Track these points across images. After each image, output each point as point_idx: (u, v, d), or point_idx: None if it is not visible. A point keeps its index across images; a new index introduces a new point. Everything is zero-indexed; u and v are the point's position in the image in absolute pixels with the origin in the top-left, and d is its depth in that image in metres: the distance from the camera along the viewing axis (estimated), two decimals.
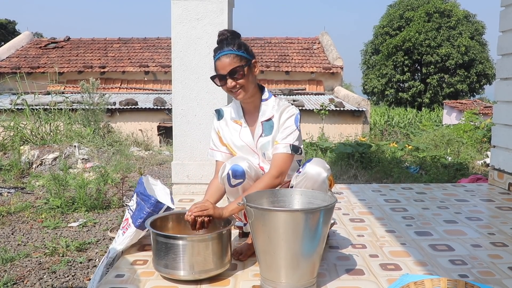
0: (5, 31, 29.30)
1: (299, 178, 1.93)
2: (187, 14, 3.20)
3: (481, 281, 1.82)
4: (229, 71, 1.91)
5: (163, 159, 6.80)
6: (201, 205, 1.84)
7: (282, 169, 1.92)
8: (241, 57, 1.93)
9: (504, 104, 3.60)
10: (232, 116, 2.09)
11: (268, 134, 2.00)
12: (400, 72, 28.03)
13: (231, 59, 1.91)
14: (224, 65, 1.91)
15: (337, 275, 1.88)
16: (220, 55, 1.93)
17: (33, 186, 4.82)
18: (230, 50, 1.92)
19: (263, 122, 2.02)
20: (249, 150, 2.04)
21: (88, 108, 7.75)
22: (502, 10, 3.61)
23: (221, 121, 2.12)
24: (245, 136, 2.04)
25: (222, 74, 1.92)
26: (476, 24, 27.58)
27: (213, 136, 2.14)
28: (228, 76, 1.91)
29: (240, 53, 1.93)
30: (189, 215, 1.82)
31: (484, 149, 8.16)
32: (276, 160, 1.93)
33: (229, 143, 2.08)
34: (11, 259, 2.88)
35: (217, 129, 2.13)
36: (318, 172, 1.88)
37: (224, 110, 2.14)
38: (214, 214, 1.83)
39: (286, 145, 1.93)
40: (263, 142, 2.01)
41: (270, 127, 2.01)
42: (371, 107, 15.85)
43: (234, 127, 2.08)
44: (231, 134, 2.07)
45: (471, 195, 3.31)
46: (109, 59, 15.14)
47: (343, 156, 6.27)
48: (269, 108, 2.03)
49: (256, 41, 16.37)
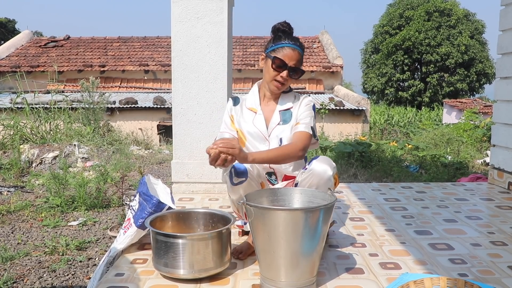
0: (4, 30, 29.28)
1: (304, 175, 1.94)
2: (187, 13, 3.20)
3: (480, 280, 1.82)
4: (294, 66, 1.97)
5: (163, 158, 6.80)
6: (228, 141, 1.76)
7: (305, 145, 1.97)
8: (302, 62, 2.04)
9: (504, 103, 3.60)
10: (248, 104, 2.13)
11: (287, 122, 2.06)
12: (400, 71, 28.03)
13: (300, 57, 2.00)
14: (293, 57, 1.97)
15: (336, 274, 1.88)
16: (293, 46, 1.99)
17: (33, 185, 4.82)
18: (302, 51, 2.02)
19: (281, 111, 2.09)
20: (261, 137, 2.07)
21: (88, 107, 7.75)
22: (502, 9, 3.61)
23: (237, 106, 2.15)
24: (259, 123, 2.08)
25: (287, 63, 1.97)
26: (476, 23, 27.57)
27: (225, 119, 2.15)
28: (289, 69, 1.97)
29: (302, 59, 2.04)
30: (214, 148, 1.72)
31: (484, 148, 8.17)
32: (299, 136, 1.99)
33: (242, 128, 2.10)
34: (11, 257, 2.88)
35: (231, 113, 2.14)
36: (324, 169, 1.90)
37: (240, 98, 2.18)
38: (239, 155, 1.76)
39: (307, 126, 2.02)
40: (281, 129, 2.06)
41: (289, 116, 2.08)
42: (371, 106, 15.85)
43: (249, 114, 2.11)
44: (244, 120, 2.10)
45: (471, 194, 3.31)
46: (109, 58, 15.12)
47: (343, 155, 6.27)
48: (289, 99, 2.11)
49: (256, 40, 16.36)
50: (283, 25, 2.05)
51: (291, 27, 2.05)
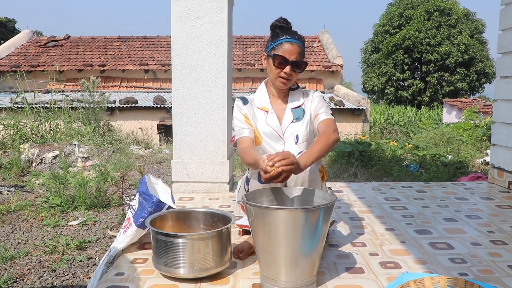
0: (4, 30, 29.26)
1: None
2: (187, 12, 3.20)
3: (481, 279, 1.82)
4: (295, 60, 1.97)
5: (163, 158, 6.80)
6: (286, 156, 1.65)
7: (334, 128, 1.97)
8: (304, 54, 2.03)
9: (504, 102, 3.60)
10: (258, 103, 2.12)
11: (300, 119, 2.07)
12: (400, 70, 28.02)
13: (300, 50, 1.99)
14: (293, 52, 1.97)
15: (337, 273, 1.88)
16: (292, 40, 1.98)
17: (33, 184, 4.83)
18: (302, 43, 2.01)
19: (293, 109, 2.09)
20: (276, 136, 2.07)
21: (88, 107, 7.75)
22: (502, 8, 3.61)
23: (248, 106, 2.13)
24: (272, 122, 2.08)
25: (288, 58, 1.96)
26: (476, 22, 27.56)
27: (237, 116, 2.10)
28: (291, 64, 1.97)
29: (304, 50, 2.03)
30: (275, 167, 1.63)
31: (484, 148, 8.17)
32: (326, 122, 2.00)
33: (257, 128, 2.09)
34: (11, 257, 2.88)
35: (243, 111, 2.11)
36: None
37: (247, 98, 2.16)
38: (297, 169, 1.70)
39: (327, 113, 2.04)
40: (296, 126, 2.06)
41: (301, 113, 2.09)
42: (371, 106, 15.84)
43: (260, 113, 2.10)
44: (258, 120, 2.09)
45: (471, 194, 3.31)
46: (109, 58, 15.12)
47: (343, 155, 6.27)
48: (299, 96, 2.12)
49: (256, 39, 16.35)
50: (280, 21, 2.04)
51: (287, 22, 2.04)
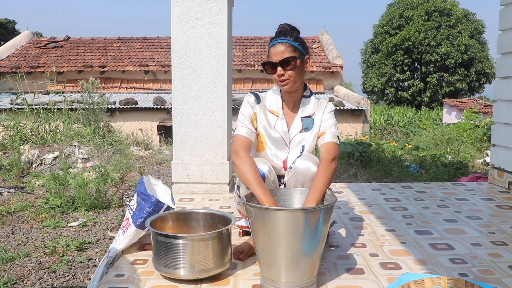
0: (4, 31, 29.29)
1: (289, 174, 1.93)
2: (187, 13, 3.20)
3: (481, 280, 1.82)
4: (282, 60, 1.92)
5: (163, 159, 6.80)
6: None
7: (334, 155, 1.93)
8: (295, 49, 1.94)
9: (504, 103, 3.60)
10: (269, 105, 2.07)
11: (309, 129, 2.04)
12: (400, 71, 28.04)
13: (285, 48, 1.93)
14: (277, 52, 1.93)
15: (337, 274, 1.88)
16: (275, 42, 1.95)
17: (33, 185, 4.82)
18: (287, 40, 1.94)
19: (303, 118, 2.05)
20: (282, 143, 2.04)
21: (88, 108, 7.75)
22: (501, 9, 3.61)
23: (260, 105, 2.07)
24: (281, 128, 2.04)
25: (273, 61, 1.93)
26: (475, 23, 27.59)
27: (244, 112, 2.03)
28: (280, 64, 1.92)
29: (296, 44, 1.95)
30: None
31: (484, 148, 8.17)
32: (328, 147, 1.96)
33: (263, 131, 2.06)
34: (11, 258, 2.88)
35: (253, 110, 2.05)
36: (307, 166, 1.88)
37: (260, 96, 2.10)
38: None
39: (334, 136, 2.00)
40: (303, 137, 2.03)
41: (311, 123, 2.04)
42: (371, 106, 15.84)
43: (270, 116, 2.06)
44: (266, 123, 2.05)
45: (471, 194, 3.31)
46: (109, 59, 15.12)
47: (343, 155, 6.27)
48: (311, 105, 2.07)
49: (256, 40, 16.36)
50: (278, 27, 2.01)
51: (285, 27, 1.99)
